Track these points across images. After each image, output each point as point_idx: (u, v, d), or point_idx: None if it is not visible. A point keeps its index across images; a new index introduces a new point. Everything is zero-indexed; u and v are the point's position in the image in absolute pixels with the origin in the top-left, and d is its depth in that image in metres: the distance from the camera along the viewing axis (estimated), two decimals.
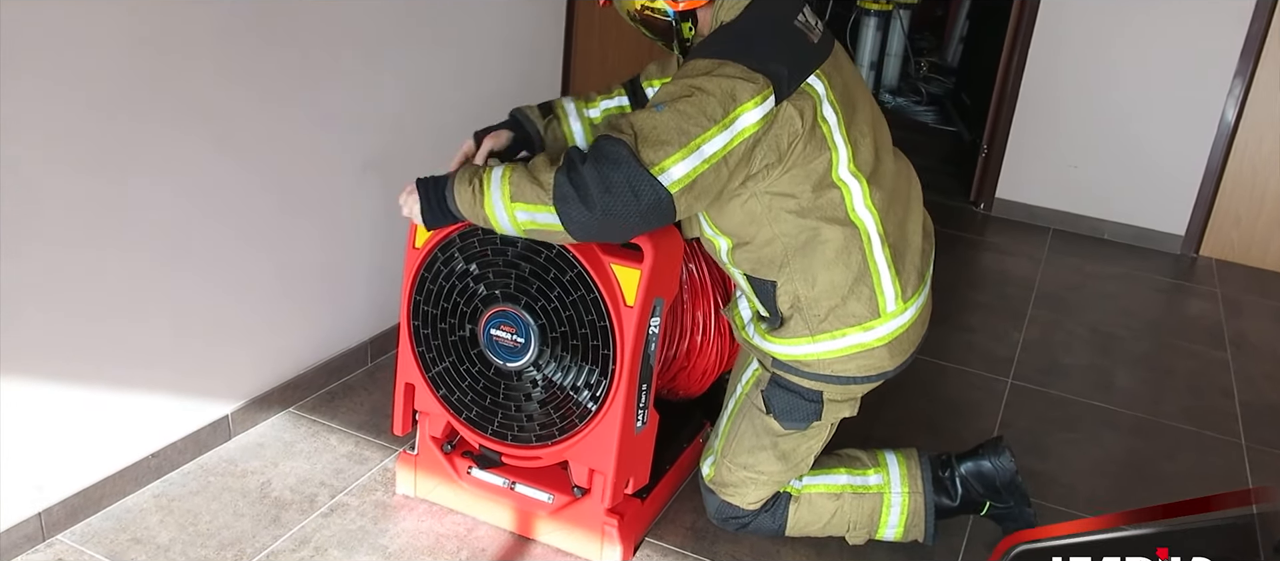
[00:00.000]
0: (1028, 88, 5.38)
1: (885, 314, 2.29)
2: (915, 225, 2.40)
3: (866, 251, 2.26)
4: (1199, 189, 5.19)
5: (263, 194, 2.76)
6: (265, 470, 2.73)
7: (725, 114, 2.04)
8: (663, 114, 2.04)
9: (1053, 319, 4.30)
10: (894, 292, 2.29)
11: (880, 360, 2.33)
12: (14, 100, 2.07)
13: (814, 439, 2.47)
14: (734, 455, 2.50)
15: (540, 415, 2.37)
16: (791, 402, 2.39)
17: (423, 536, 2.53)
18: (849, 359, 2.31)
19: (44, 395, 2.32)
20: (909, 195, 2.42)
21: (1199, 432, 3.45)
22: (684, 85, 2.07)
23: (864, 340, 2.29)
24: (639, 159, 2.00)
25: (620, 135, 2.02)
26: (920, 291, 2.38)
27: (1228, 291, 4.84)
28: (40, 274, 2.22)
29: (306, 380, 3.08)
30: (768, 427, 2.44)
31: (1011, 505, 2.59)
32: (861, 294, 2.26)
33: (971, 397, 3.55)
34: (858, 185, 2.23)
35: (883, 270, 2.27)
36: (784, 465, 2.47)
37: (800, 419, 2.40)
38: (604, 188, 2.01)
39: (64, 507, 2.41)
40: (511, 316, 2.29)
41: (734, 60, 2.08)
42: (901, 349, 2.36)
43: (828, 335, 2.28)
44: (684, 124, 2.02)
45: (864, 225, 2.25)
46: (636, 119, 2.05)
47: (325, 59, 2.86)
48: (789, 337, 2.30)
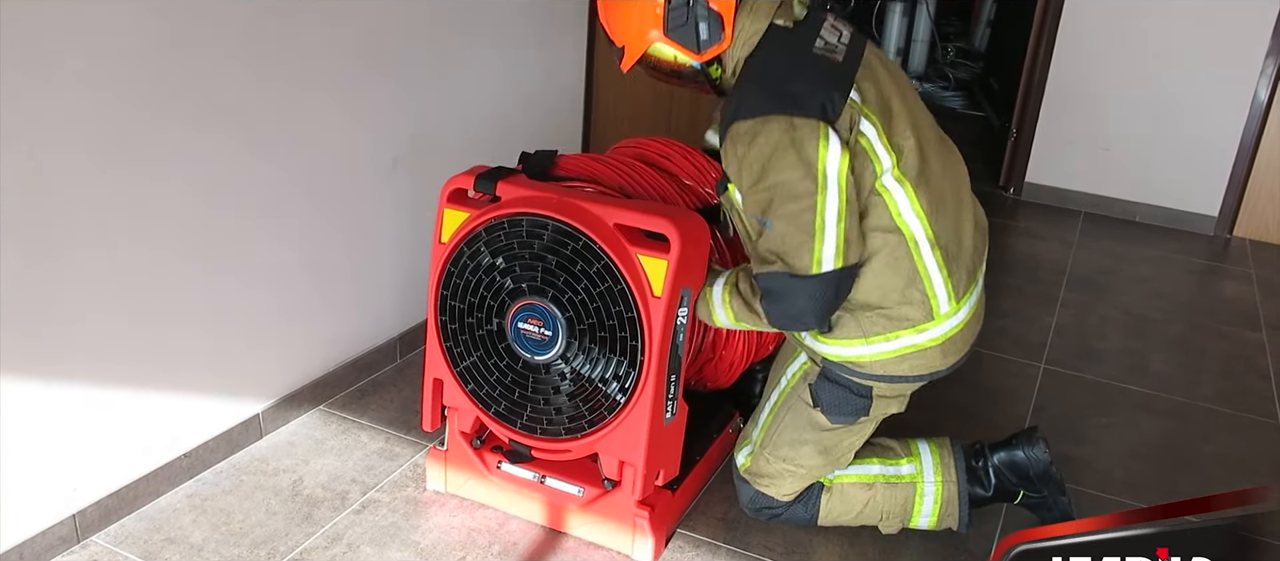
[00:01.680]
0: (1056, 71, 5.33)
1: (939, 316, 2.27)
2: (968, 224, 2.37)
3: (915, 256, 2.23)
4: (1232, 169, 5.13)
5: (291, 192, 2.77)
6: (297, 468, 2.74)
7: (815, 178, 2.10)
8: (777, 228, 2.13)
9: (1086, 303, 4.26)
10: (947, 294, 2.27)
11: (932, 360, 2.31)
12: (49, 106, 2.08)
13: (856, 435, 2.45)
14: (774, 447, 2.48)
15: (569, 408, 2.37)
16: (841, 397, 2.37)
17: (454, 531, 2.53)
18: (902, 359, 2.29)
19: (76, 397, 2.33)
20: (960, 193, 2.38)
21: (1236, 415, 3.40)
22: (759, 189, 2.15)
23: (917, 342, 2.28)
24: (797, 276, 2.12)
25: (772, 268, 2.15)
26: (972, 291, 2.36)
27: (1262, 272, 4.78)
28: (70, 277, 2.23)
29: (336, 378, 3.09)
30: (812, 421, 2.42)
31: (1045, 494, 2.57)
32: (913, 298, 2.24)
33: (1005, 383, 3.51)
34: (902, 191, 2.21)
35: (934, 273, 2.25)
36: (824, 459, 2.45)
37: (848, 414, 2.38)
38: (796, 316, 2.18)
39: (98, 509, 2.43)
40: (539, 309, 2.29)
41: (776, 113, 2.11)
42: (955, 349, 2.34)
43: (881, 337, 2.26)
44: (798, 219, 2.11)
45: (911, 231, 2.22)
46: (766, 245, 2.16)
47: (354, 57, 2.86)
48: (840, 339, 2.29)
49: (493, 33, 3.47)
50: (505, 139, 3.50)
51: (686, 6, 2.21)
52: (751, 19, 2.24)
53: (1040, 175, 5.54)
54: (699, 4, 2.20)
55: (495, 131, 3.51)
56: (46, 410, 2.27)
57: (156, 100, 2.33)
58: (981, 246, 2.43)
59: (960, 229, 2.33)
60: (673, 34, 2.24)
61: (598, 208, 2.24)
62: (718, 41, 2.23)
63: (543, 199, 2.28)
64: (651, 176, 2.51)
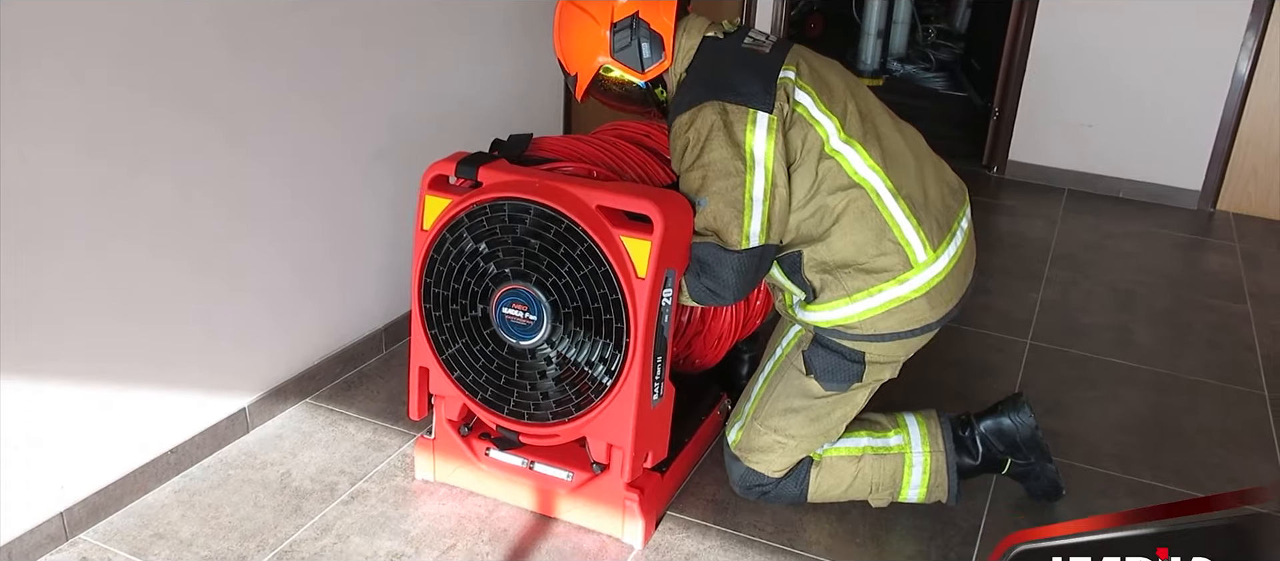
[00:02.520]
0: (1037, 49, 5.34)
1: (917, 264, 2.32)
2: (931, 178, 2.43)
3: (880, 206, 2.30)
4: (1214, 143, 5.15)
5: (274, 186, 2.76)
6: (284, 461, 2.73)
7: (743, 157, 2.24)
8: (709, 205, 2.26)
9: (1070, 279, 4.27)
10: (921, 242, 2.32)
11: (920, 312, 2.36)
12: (28, 101, 2.07)
13: (848, 404, 2.48)
14: (765, 418, 2.50)
15: (556, 392, 2.36)
16: (834, 363, 2.41)
17: (444, 519, 2.52)
18: (889, 314, 2.34)
19: (62, 395, 2.32)
20: (917, 151, 2.45)
21: (1222, 386, 3.42)
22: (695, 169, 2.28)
23: (900, 293, 2.33)
24: (727, 249, 2.25)
25: (704, 239, 2.28)
26: (948, 241, 2.39)
27: (1246, 245, 4.80)
28: (53, 274, 2.22)
29: (322, 370, 3.08)
30: (805, 389, 2.45)
31: (1032, 461, 2.58)
32: (887, 248, 2.31)
33: (990, 360, 3.52)
34: (853, 150, 2.31)
35: (903, 221, 2.31)
36: (814, 430, 2.47)
37: (842, 380, 2.42)
38: (722, 283, 2.29)
39: (85, 506, 2.42)
40: (523, 294, 2.28)
41: (709, 100, 2.27)
42: (942, 300, 2.38)
43: (863, 293, 2.32)
44: (727, 196, 2.25)
45: (870, 183, 2.30)
46: (701, 223, 2.28)
47: (334, 50, 2.85)
48: (827, 303, 2.35)
49: (471, 22, 3.46)
50: (485, 129, 3.48)
51: (630, 30, 2.39)
52: (687, 37, 2.41)
53: (1023, 154, 5.55)
54: (640, 27, 2.39)
55: (475, 121, 3.50)
56: (33, 408, 2.26)
57: (139, 97, 2.32)
58: (954, 203, 2.48)
59: (923, 181, 2.40)
60: (618, 55, 2.42)
61: (580, 190, 2.24)
62: (659, 59, 2.40)
63: (524, 183, 2.27)
64: (634, 152, 2.52)
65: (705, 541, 2.50)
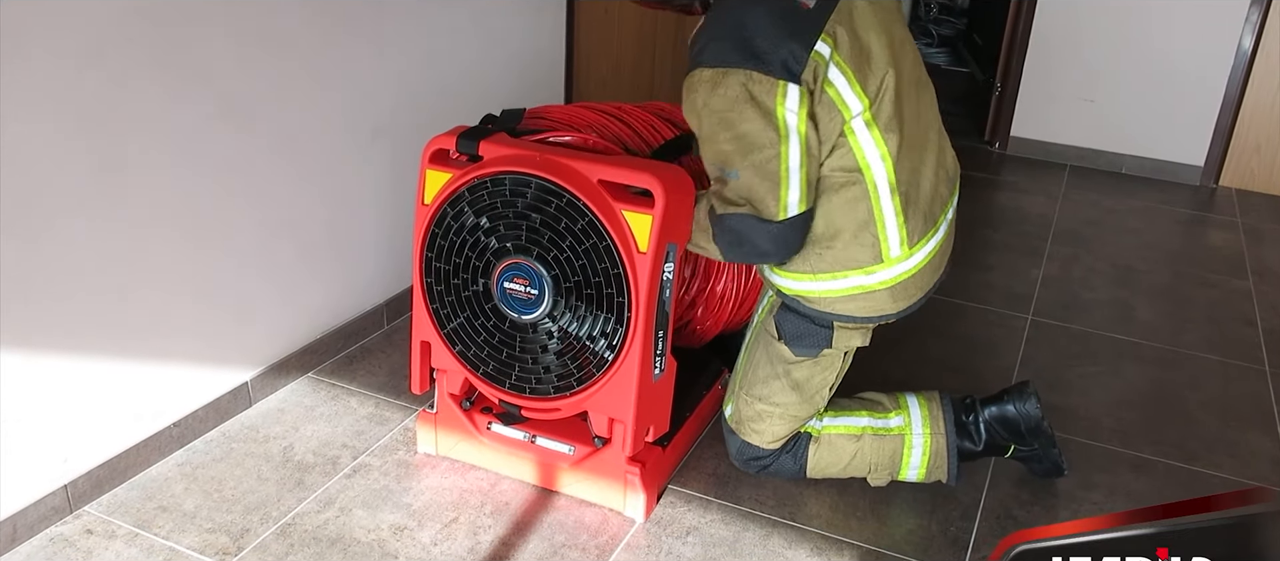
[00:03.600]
0: (1040, 24, 5.32)
1: (888, 259, 2.29)
2: (930, 168, 2.36)
3: (873, 200, 2.25)
4: (1217, 118, 5.13)
5: (272, 162, 2.75)
6: (287, 435, 2.74)
7: (776, 128, 2.14)
8: (742, 178, 2.18)
9: (1072, 254, 4.27)
10: (899, 240, 2.29)
11: (881, 303, 2.34)
12: (22, 78, 2.06)
13: (827, 370, 2.47)
14: (750, 386, 2.51)
15: (557, 366, 2.37)
16: (802, 328, 2.40)
17: (446, 493, 2.53)
18: (850, 299, 2.32)
19: (66, 369, 2.32)
20: (928, 136, 2.38)
21: (1223, 362, 3.42)
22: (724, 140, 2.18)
23: (865, 283, 2.30)
24: (764, 220, 2.19)
25: (740, 210, 2.20)
26: (929, 237, 2.35)
27: (1249, 220, 4.79)
28: (53, 249, 2.22)
29: (324, 345, 3.08)
30: (780, 355, 2.45)
31: (1036, 447, 2.58)
32: (864, 240, 2.27)
33: (991, 335, 3.53)
34: (869, 136, 2.22)
35: (889, 219, 2.27)
36: (798, 396, 2.47)
37: (811, 345, 2.41)
38: (760, 252, 2.25)
39: (89, 479, 2.43)
40: (524, 268, 2.28)
41: (736, 67, 2.13)
42: (906, 294, 2.35)
43: (828, 275, 2.30)
44: (763, 168, 2.16)
45: (872, 174, 2.23)
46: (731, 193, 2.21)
47: (332, 24, 2.84)
48: (793, 272, 2.33)
49: None
50: (485, 104, 3.46)
51: None
52: None
53: (1025, 129, 5.54)
54: None
55: (475, 96, 3.49)
56: (36, 382, 2.26)
57: (139, 72, 2.31)
58: (945, 192, 2.43)
59: (921, 173, 2.33)
60: None
61: (581, 164, 2.24)
62: None
63: (525, 157, 2.27)
64: (640, 115, 2.56)
65: (706, 514, 2.51)
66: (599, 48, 4.32)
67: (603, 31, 4.32)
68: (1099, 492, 2.67)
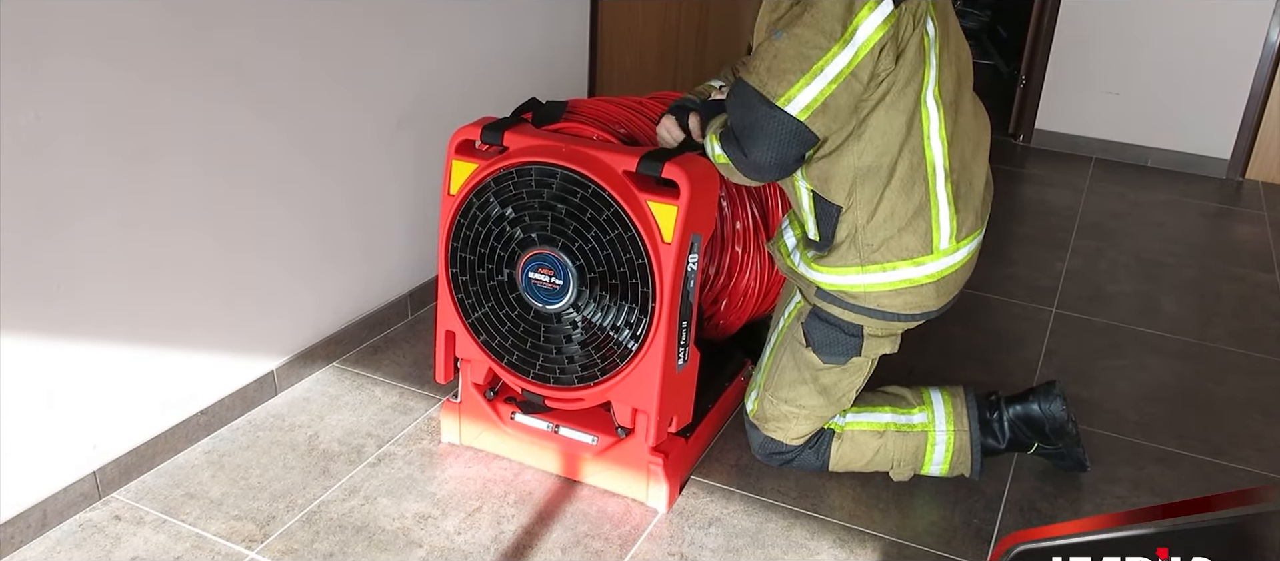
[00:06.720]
0: (1065, 17, 5.29)
1: (938, 251, 2.26)
2: (979, 168, 2.35)
3: (929, 183, 2.22)
4: (1244, 111, 5.09)
5: (298, 153, 2.77)
6: (312, 424, 2.76)
7: (844, 28, 2.03)
8: (781, 41, 2.06)
9: (1096, 248, 4.25)
10: (950, 231, 2.26)
11: (926, 298, 2.31)
12: (54, 74, 2.08)
13: (855, 375, 2.45)
14: (776, 389, 2.49)
15: (581, 356, 2.38)
16: (831, 336, 2.37)
17: (470, 482, 2.55)
18: (896, 294, 2.29)
19: (96, 358, 2.35)
20: (979, 138, 2.35)
21: (1248, 355, 3.40)
22: (796, 8, 2.06)
23: (913, 275, 2.27)
24: (764, 96, 2.08)
25: (750, 75, 2.10)
26: (975, 236, 2.34)
27: (1275, 214, 4.76)
28: (82, 240, 2.24)
29: (349, 335, 3.10)
30: (808, 362, 2.43)
31: (1060, 446, 2.57)
32: (918, 227, 2.23)
33: (1015, 328, 3.52)
34: (937, 113, 2.18)
35: (943, 206, 2.24)
36: (825, 400, 2.46)
37: (840, 353, 2.39)
38: (747, 134, 2.12)
39: (117, 466, 2.45)
40: (549, 258, 2.29)
41: None
42: (947, 289, 2.34)
43: (877, 267, 2.26)
44: (803, 48, 2.04)
45: (932, 156, 2.20)
46: (762, 51, 2.10)
47: (358, 16, 2.85)
48: (837, 266, 2.29)
49: None
50: (509, 95, 3.49)
51: None
52: None
53: (1050, 122, 5.52)
54: None
55: (499, 88, 3.50)
56: (65, 370, 2.29)
57: (163, 70, 2.33)
58: (989, 198, 2.42)
59: (972, 168, 2.31)
60: None
61: (607, 155, 2.24)
62: None
63: (551, 147, 2.27)
64: (659, 106, 2.55)
65: (729, 506, 2.51)
66: (623, 39, 4.32)
67: (627, 22, 4.32)
68: (1123, 486, 2.66)
